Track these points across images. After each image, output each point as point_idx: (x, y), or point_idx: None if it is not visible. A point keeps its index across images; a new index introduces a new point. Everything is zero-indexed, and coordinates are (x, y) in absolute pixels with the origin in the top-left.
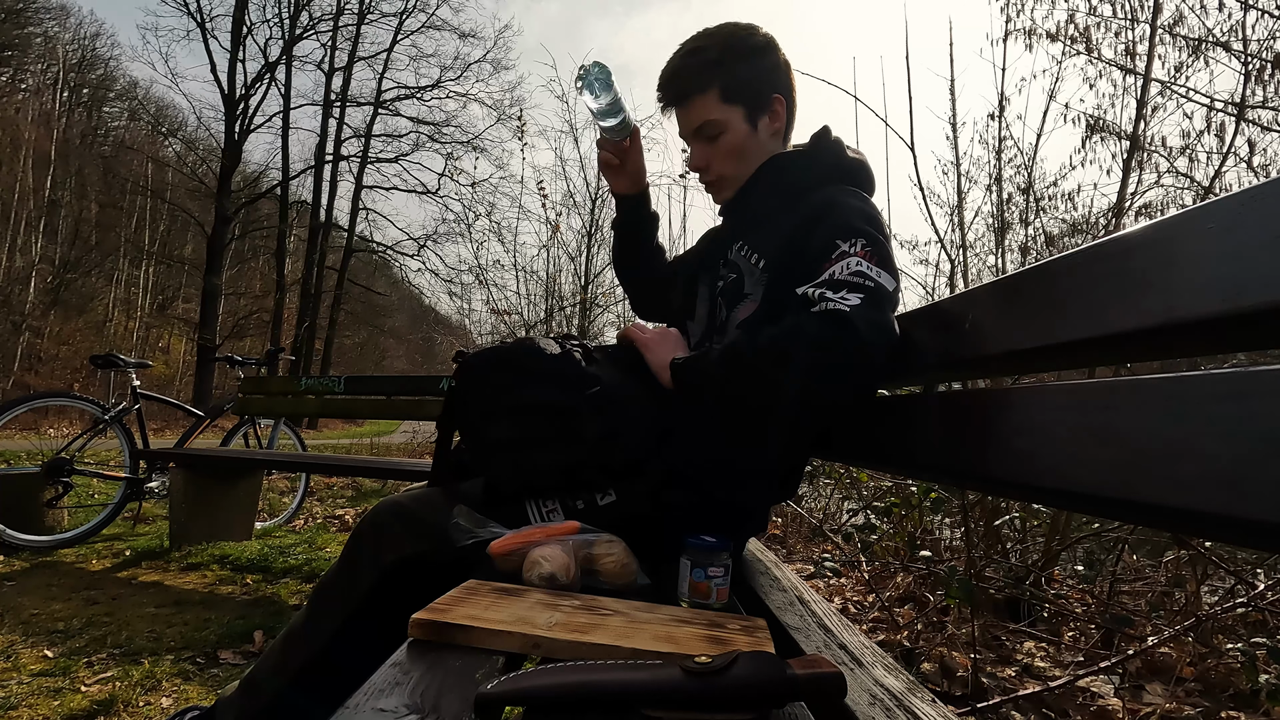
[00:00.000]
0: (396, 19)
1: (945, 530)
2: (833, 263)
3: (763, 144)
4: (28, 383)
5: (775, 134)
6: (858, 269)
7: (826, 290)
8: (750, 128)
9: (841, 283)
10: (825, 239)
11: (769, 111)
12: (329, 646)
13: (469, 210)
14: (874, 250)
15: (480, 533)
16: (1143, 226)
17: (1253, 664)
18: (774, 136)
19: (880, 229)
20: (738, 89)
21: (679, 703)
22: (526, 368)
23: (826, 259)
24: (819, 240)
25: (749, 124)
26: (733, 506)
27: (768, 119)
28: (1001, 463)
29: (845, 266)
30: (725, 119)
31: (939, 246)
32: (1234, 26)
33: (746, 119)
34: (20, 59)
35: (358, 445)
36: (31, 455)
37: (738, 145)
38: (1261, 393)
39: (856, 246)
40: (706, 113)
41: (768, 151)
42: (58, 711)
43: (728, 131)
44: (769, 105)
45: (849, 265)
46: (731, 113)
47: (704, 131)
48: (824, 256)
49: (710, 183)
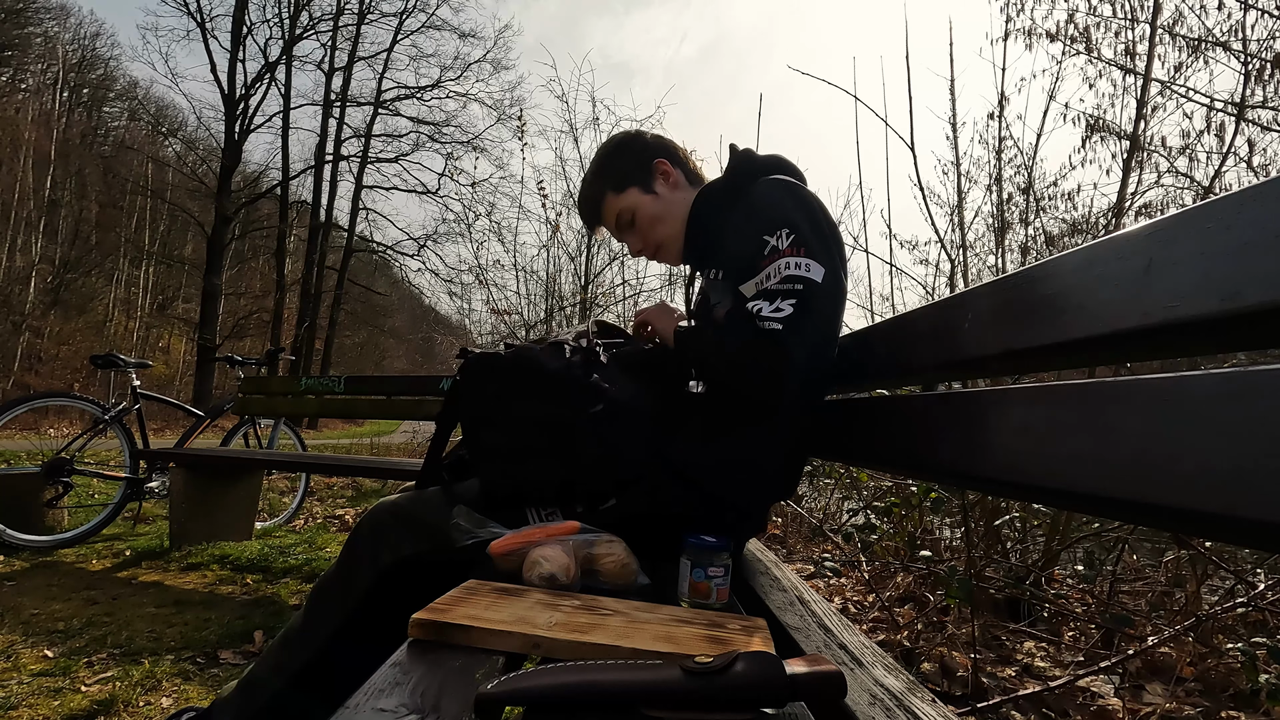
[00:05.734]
0: (396, 19)
1: (945, 530)
2: (766, 261)
3: (672, 199)
4: (28, 383)
5: (676, 185)
6: (787, 271)
7: (762, 303)
8: (652, 195)
9: (775, 292)
10: (755, 233)
11: (658, 175)
12: (328, 647)
13: (469, 210)
14: (799, 239)
15: (480, 533)
16: (1143, 226)
17: (1253, 664)
18: (677, 189)
19: (807, 208)
20: (621, 179)
21: (679, 703)
22: (522, 381)
23: (760, 256)
24: (751, 235)
25: (649, 194)
26: (732, 506)
27: (660, 180)
28: (1001, 463)
29: (777, 270)
30: (628, 203)
31: (939, 246)
32: (1234, 26)
33: (644, 192)
34: (20, 59)
35: (358, 445)
36: (31, 455)
37: (652, 214)
38: (1261, 393)
39: (784, 240)
40: (612, 210)
41: (684, 201)
42: (58, 711)
43: (637, 210)
44: (654, 171)
45: (780, 269)
46: (629, 196)
47: (622, 222)
48: (758, 253)
49: (655, 255)
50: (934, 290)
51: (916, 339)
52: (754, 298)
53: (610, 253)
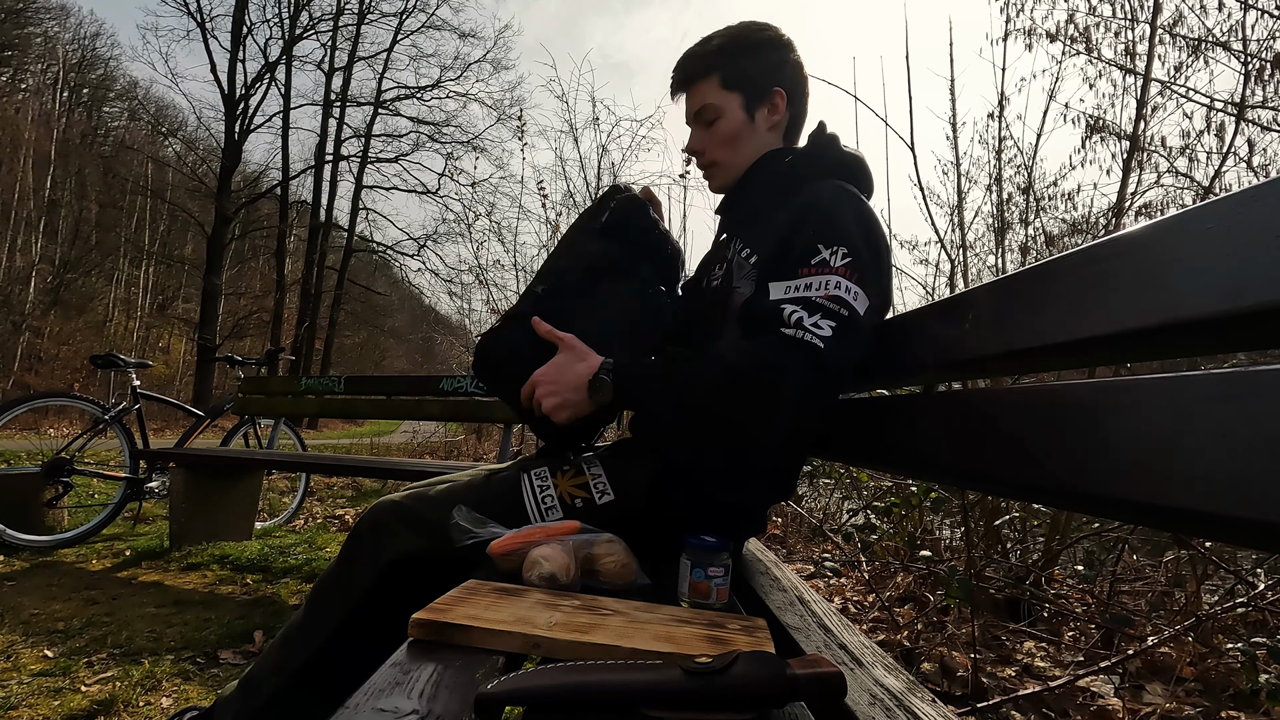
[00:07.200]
0: (396, 19)
1: (945, 530)
2: (812, 271)
3: (759, 135)
4: (28, 383)
5: (774, 127)
6: (835, 291)
7: (802, 313)
8: (747, 116)
9: (817, 305)
10: (809, 239)
11: (768, 103)
12: (328, 646)
13: (469, 210)
14: (855, 262)
15: (480, 533)
16: (1143, 226)
17: (1253, 664)
18: (772, 130)
19: (869, 232)
20: (737, 77)
21: (679, 703)
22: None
23: (805, 264)
24: (803, 237)
25: (745, 112)
26: (732, 507)
27: (766, 110)
28: (1001, 463)
29: (824, 284)
30: (722, 105)
31: (939, 246)
32: (1234, 26)
33: (744, 107)
34: (20, 59)
35: (358, 445)
36: (31, 455)
37: (733, 132)
38: (1261, 393)
39: (838, 257)
40: (705, 97)
41: (764, 144)
42: (58, 711)
43: (723, 117)
44: (768, 97)
45: (828, 284)
46: (729, 99)
47: (702, 116)
48: (804, 260)
49: (705, 168)
50: (934, 290)
51: (916, 339)
52: (790, 302)
53: None
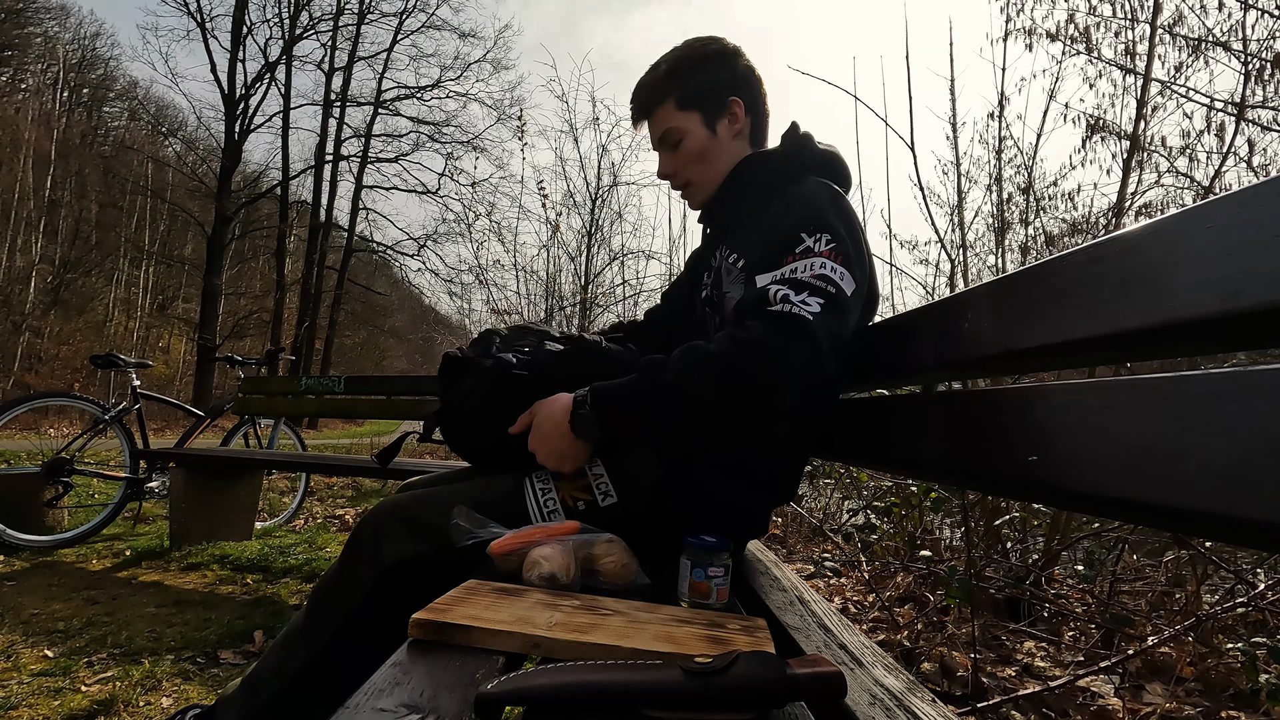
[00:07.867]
0: (396, 19)
1: (945, 530)
2: (796, 257)
3: (725, 146)
4: (28, 383)
5: (738, 135)
6: (821, 270)
7: (789, 290)
8: (709, 132)
9: (804, 284)
10: (791, 229)
11: (727, 114)
12: (329, 647)
13: (469, 210)
14: (839, 247)
15: (480, 533)
16: (1143, 226)
17: (1253, 664)
18: (737, 138)
19: (849, 222)
20: (691, 96)
21: (679, 703)
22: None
23: (790, 251)
24: (785, 229)
25: (707, 128)
26: (734, 510)
27: (726, 121)
28: (1002, 462)
29: (809, 266)
30: (683, 126)
31: (939, 246)
32: (1234, 26)
33: (704, 124)
34: (20, 59)
35: (358, 445)
36: (31, 455)
37: (699, 150)
38: (1261, 393)
39: (821, 242)
40: (665, 122)
41: (733, 153)
42: (58, 711)
43: (687, 137)
44: (727, 108)
45: (813, 265)
46: (689, 119)
47: (667, 140)
48: (788, 248)
49: (681, 188)
50: (934, 290)
51: (916, 339)
52: (777, 283)
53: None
